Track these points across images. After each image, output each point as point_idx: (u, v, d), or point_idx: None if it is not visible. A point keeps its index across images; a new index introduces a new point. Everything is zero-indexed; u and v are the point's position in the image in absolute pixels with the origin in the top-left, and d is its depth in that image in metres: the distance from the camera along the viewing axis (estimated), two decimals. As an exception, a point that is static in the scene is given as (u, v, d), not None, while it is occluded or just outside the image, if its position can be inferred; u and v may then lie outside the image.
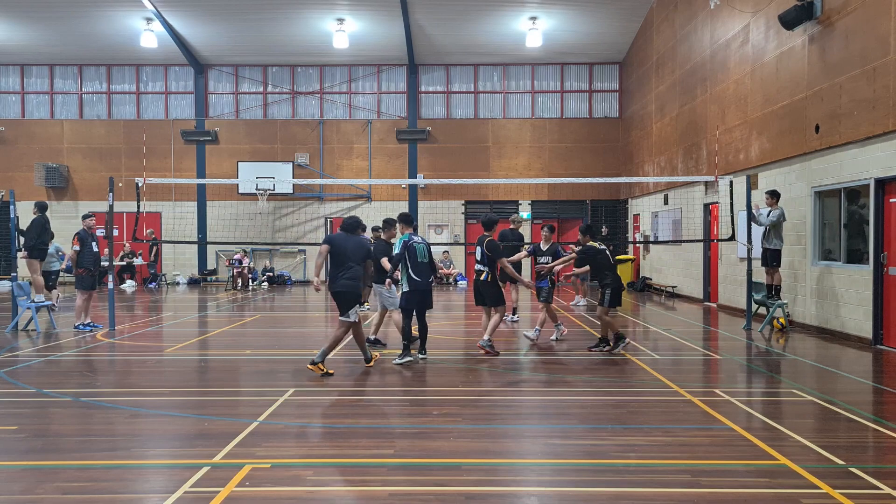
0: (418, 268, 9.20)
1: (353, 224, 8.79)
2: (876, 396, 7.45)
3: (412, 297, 9.22)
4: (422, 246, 9.28)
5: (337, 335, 8.48)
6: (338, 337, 8.48)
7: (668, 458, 5.24)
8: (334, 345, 8.52)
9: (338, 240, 8.56)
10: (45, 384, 7.79)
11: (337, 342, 8.53)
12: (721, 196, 15.35)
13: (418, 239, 9.35)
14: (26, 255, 12.57)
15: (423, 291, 9.26)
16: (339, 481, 4.85)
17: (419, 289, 9.20)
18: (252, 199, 23.67)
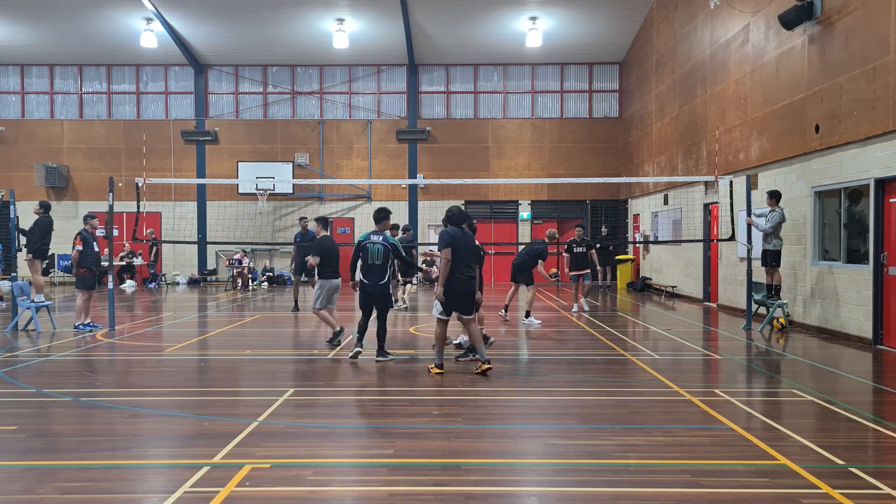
0: (367, 269, 9.12)
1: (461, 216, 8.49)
2: (876, 396, 7.45)
3: (360, 297, 9.25)
4: (378, 247, 9.08)
5: (475, 330, 8.49)
6: (476, 331, 8.51)
7: (668, 458, 5.24)
8: (480, 339, 8.53)
9: (459, 238, 8.34)
10: (45, 384, 7.79)
11: (479, 335, 8.54)
12: (721, 196, 15.35)
13: (377, 239, 9.15)
14: (31, 257, 12.57)
15: (370, 294, 9.13)
16: (339, 481, 4.85)
17: (365, 290, 9.15)
18: (252, 199, 23.66)
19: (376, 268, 9.06)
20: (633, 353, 9.87)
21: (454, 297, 8.34)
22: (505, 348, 10.63)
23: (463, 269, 8.34)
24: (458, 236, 8.30)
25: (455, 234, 8.31)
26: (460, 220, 8.45)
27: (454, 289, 8.31)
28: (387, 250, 9.11)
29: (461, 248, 8.28)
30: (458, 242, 8.28)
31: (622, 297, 19.67)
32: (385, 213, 9.49)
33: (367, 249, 9.06)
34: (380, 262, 9.04)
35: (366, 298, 9.17)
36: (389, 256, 9.16)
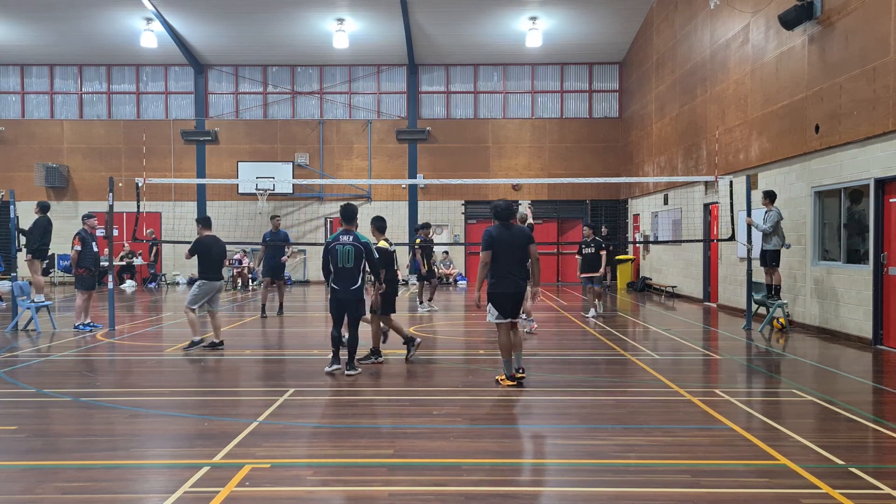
0: (337, 273, 8.27)
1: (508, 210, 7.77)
2: (876, 396, 7.45)
3: (331, 304, 8.44)
4: (348, 248, 8.22)
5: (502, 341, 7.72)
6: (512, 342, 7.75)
7: (668, 458, 5.24)
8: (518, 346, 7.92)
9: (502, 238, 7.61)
10: (45, 384, 7.79)
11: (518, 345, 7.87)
12: (721, 196, 15.35)
13: (347, 239, 8.28)
14: (30, 258, 12.57)
15: (341, 301, 8.32)
16: (339, 481, 4.85)
17: (336, 297, 8.32)
18: (252, 199, 23.67)
19: (347, 272, 8.23)
20: (633, 353, 9.87)
21: (505, 299, 7.61)
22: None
23: (510, 270, 7.57)
24: (501, 236, 7.57)
25: (498, 234, 7.58)
26: (508, 214, 7.72)
27: (502, 291, 7.58)
28: (358, 252, 8.24)
29: (506, 248, 7.55)
30: (502, 243, 7.55)
31: (622, 297, 19.66)
32: (354, 210, 8.55)
33: (336, 251, 8.22)
34: (350, 264, 8.22)
35: (337, 306, 8.34)
36: (362, 258, 8.29)
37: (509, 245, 7.60)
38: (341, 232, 8.36)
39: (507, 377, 7.63)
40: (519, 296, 7.68)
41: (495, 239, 7.57)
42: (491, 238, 7.59)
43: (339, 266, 8.21)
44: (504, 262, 7.56)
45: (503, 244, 7.57)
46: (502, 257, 7.55)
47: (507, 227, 7.67)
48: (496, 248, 7.54)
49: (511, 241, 7.62)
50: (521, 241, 7.68)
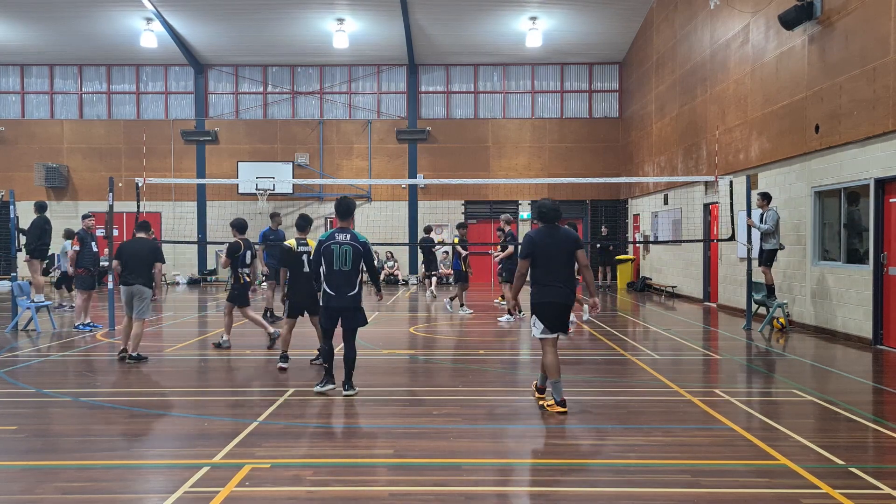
0: (332, 277, 7.18)
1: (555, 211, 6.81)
2: (876, 396, 7.45)
3: (323, 314, 7.32)
4: (345, 248, 7.18)
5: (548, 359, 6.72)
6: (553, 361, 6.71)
7: (668, 458, 5.24)
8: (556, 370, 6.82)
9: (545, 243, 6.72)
10: (45, 384, 7.79)
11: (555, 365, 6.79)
12: (721, 196, 15.35)
13: (344, 238, 7.24)
14: (28, 258, 12.57)
15: (337, 310, 7.20)
16: (339, 481, 4.85)
17: (330, 305, 7.20)
18: (252, 199, 23.66)
19: (343, 275, 7.16)
20: (633, 353, 9.87)
21: (552, 310, 6.68)
22: (504, 348, 10.64)
23: (556, 278, 6.65)
24: (543, 241, 6.69)
25: (540, 239, 6.70)
26: (554, 216, 6.80)
27: (548, 300, 6.69)
28: (357, 252, 7.20)
29: (550, 254, 6.65)
30: (545, 248, 6.66)
31: (622, 297, 19.67)
32: (350, 205, 7.52)
33: (332, 252, 7.17)
34: (348, 267, 7.16)
35: (331, 316, 7.24)
36: (360, 260, 7.25)
37: (555, 251, 6.68)
38: (336, 230, 7.32)
39: (556, 402, 6.59)
40: (566, 307, 6.76)
41: (537, 245, 6.68)
42: (532, 244, 6.70)
43: (334, 269, 7.16)
44: (548, 269, 6.66)
45: (546, 250, 6.67)
46: (546, 265, 6.66)
47: (553, 230, 6.78)
48: (538, 254, 6.67)
49: (556, 247, 6.69)
50: (567, 247, 6.73)
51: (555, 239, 6.71)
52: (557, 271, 6.66)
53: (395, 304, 17.46)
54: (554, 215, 6.79)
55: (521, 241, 6.85)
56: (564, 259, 6.70)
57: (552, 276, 6.65)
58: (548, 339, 6.73)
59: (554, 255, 6.66)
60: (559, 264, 6.67)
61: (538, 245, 6.68)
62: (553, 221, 6.80)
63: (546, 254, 6.66)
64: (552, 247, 6.68)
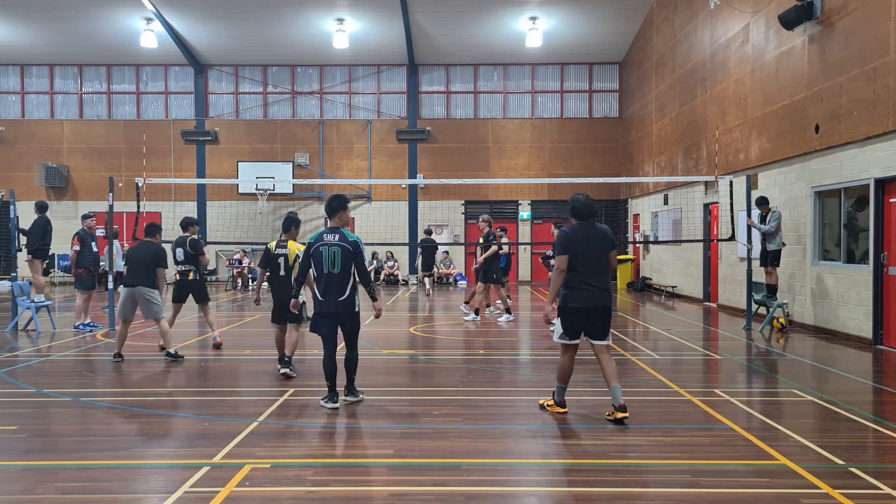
0: (322, 281, 6.69)
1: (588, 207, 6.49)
2: (876, 396, 7.45)
3: (314, 322, 6.83)
4: (334, 250, 6.65)
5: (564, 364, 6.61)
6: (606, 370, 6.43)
7: (668, 458, 5.24)
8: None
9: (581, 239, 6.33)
10: (45, 384, 7.79)
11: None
12: (721, 196, 15.35)
13: (332, 239, 6.70)
14: (30, 258, 12.57)
15: (328, 317, 6.71)
16: (339, 481, 4.84)
17: (321, 311, 6.72)
18: (252, 199, 23.67)
19: (333, 279, 6.64)
20: (633, 353, 9.87)
21: (577, 316, 6.34)
22: (504, 348, 10.64)
23: (588, 279, 6.26)
24: (579, 237, 6.32)
25: (575, 234, 6.33)
26: (588, 212, 6.45)
27: (576, 305, 6.31)
28: (346, 253, 6.66)
29: (585, 251, 6.28)
30: (580, 245, 6.28)
31: (622, 297, 19.66)
32: (341, 202, 6.90)
33: (321, 254, 6.68)
34: (338, 269, 6.64)
35: (323, 323, 6.75)
36: (351, 261, 6.70)
37: (591, 249, 6.31)
38: (326, 230, 6.80)
39: (556, 403, 6.55)
40: (602, 311, 6.37)
41: (573, 241, 6.29)
42: (568, 240, 6.29)
43: (324, 272, 6.67)
44: (582, 269, 6.25)
45: (583, 248, 6.28)
46: (581, 264, 6.26)
47: (588, 227, 6.40)
48: (574, 252, 6.27)
49: (593, 245, 6.33)
50: (603, 246, 6.38)
51: (590, 237, 6.36)
52: (591, 271, 6.28)
53: (395, 304, 17.46)
54: (588, 211, 6.46)
55: (556, 238, 6.49)
56: (599, 258, 6.34)
57: (585, 276, 6.26)
58: (568, 346, 6.47)
59: (589, 253, 6.30)
60: (594, 264, 6.30)
61: (574, 240, 6.30)
62: (587, 218, 6.45)
63: (581, 252, 6.27)
64: (587, 245, 6.32)
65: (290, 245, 8.35)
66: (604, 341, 6.43)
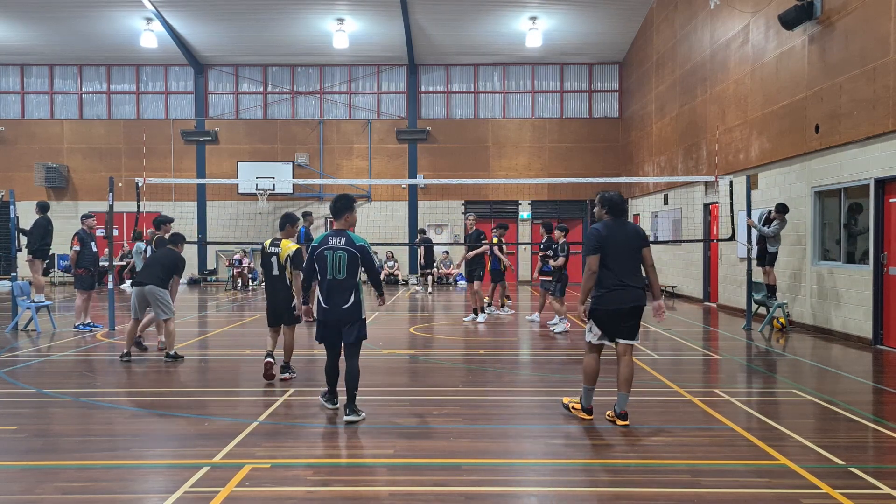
0: (325, 287, 6.30)
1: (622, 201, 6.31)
2: (876, 396, 7.45)
3: (318, 329, 6.50)
4: (339, 254, 6.26)
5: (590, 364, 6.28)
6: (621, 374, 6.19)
7: (668, 458, 5.24)
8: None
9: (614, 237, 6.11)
10: (45, 384, 7.79)
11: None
12: (721, 196, 15.35)
13: (338, 242, 6.31)
14: (31, 258, 12.57)
15: (332, 324, 6.33)
16: (339, 481, 4.84)
17: (325, 319, 6.34)
18: (252, 199, 23.67)
19: (338, 285, 6.26)
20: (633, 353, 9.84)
21: (613, 317, 6.10)
22: (504, 348, 10.64)
23: (622, 277, 6.06)
24: (612, 236, 6.09)
25: (608, 232, 6.10)
26: (621, 208, 6.28)
27: (612, 308, 6.07)
28: (352, 258, 6.28)
29: (619, 250, 6.08)
30: (614, 244, 6.07)
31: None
32: (347, 203, 6.51)
33: (325, 258, 6.29)
34: (343, 275, 6.25)
35: (327, 330, 6.41)
36: (357, 266, 6.34)
37: (624, 247, 6.11)
38: (331, 233, 6.43)
39: (582, 408, 6.24)
40: (636, 310, 6.15)
41: (606, 239, 6.07)
42: (600, 237, 6.08)
43: (328, 277, 6.28)
44: (615, 268, 6.06)
45: (616, 246, 6.08)
46: (613, 262, 6.05)
47: (621, 224, 6.21)
48: (606, 250, 6.06)
49: (626, 243, 6.13)
50: (636, 243, 6.19)
51: (624, 234, 6.15)
52: (625, 270, 6.07)
53: (395, 304, 17.46)
54: (622, 208, 6.29)
55: (586, 235, 6.24)
56: (633, 256, 6.14)
57: (619, 275, 6.05)
58: (596, 347, 6.26)
59: (623, 251, 6.09)
60: (627, 262, 6.10)
61: (607, 238, 6.07)
62: (621, 215, 6.26)
63: (614, 250, 6.06)
64: (621, 243, 6.10)
65: (283, 244, 8.02)
66: (631, 341, 6.22)
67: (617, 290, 6.04)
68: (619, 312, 6.09)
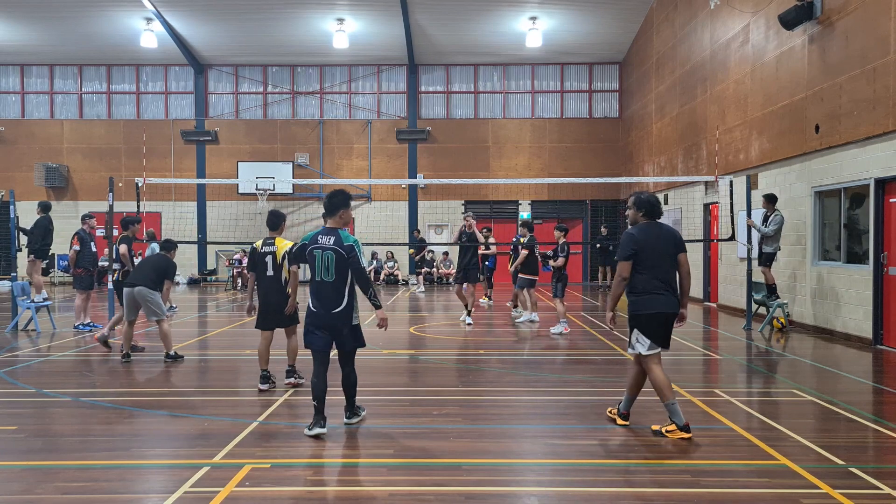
0: (315, 289, 5.88)
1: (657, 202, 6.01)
2: (876, 396, 7.45)
3: (306, 334, 5.95)
4: (328, 255, 5.82)
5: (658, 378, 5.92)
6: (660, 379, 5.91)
7: (668, 458, 5.24)
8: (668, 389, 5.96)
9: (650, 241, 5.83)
10: (45, 384, 7.78)
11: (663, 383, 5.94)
12: (721, 196, 15.34)
13: (327, 241, 5.86)
14: (32, 258, 12.57)
15: (323, 328, 5.86)
16: (339, 481, 4.85)
17: (315, 323, 5.86)
18: (252, 199, 23.67)
19: (328, 287, 5.84)
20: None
21: (656, 321, 5.85)
22: (504, 348, 10.64)
23: (658, 283, 5.79)
24: (647, 240, 5.82)
25: (643, 236, 5.83)
26: (658, 210, 5.98)
27: (651, 311, 5.83)
28: (340, 258, 5.81)
29: (654, 254, 5.80)
30: (650, 248, 5.81)
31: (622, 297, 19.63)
32: (344, 199, 6.03)
33: (315, 258, 5.87)
34: (331, 277, 5.83)
35: (316, 337, 5.88)
36: (347, 267, 5.86)
37: (660, 251, 5.82)
38: (321, 231, 5.99)
39: (678, 427, 5.71)
40: (673, 317, 5.91)
41: (641, 243, 5.79)
42: (635, 243, 5.79)
43: (316, 279, 5.89)
44: (652, 273, 5.78)
45: (652, 250, 5.80)
46: (650, 267, 5.78)
47: (657, 227, 5.94)
48: (642, 255, 5.79)
49: (663, 246, 5.85)
50: (673, 248, 5.89)
51: (660, 238, 5.85)
52: (662, 275, 5.79)
53: (394, 304, 17.46)
54: (659, 209, 5.98)
55: (622, 240, 5.95)
56: (670, 261, 5.86)
57: (656, 281, 5.77)
58: (655, 356, 5.92)
59: (660, 255, 5.80)
60: (664, 267, 5.81)
61: (642, 242, 5.78)
62: (657, 217, 5.98)
63: (651, 254, 5.78)
64: (658, 247, 5.82)
65: (277, 242, 7.66)
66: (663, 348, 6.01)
67: (654, 295, 5.80)
68: (661, 316, 5.84)
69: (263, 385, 7.52)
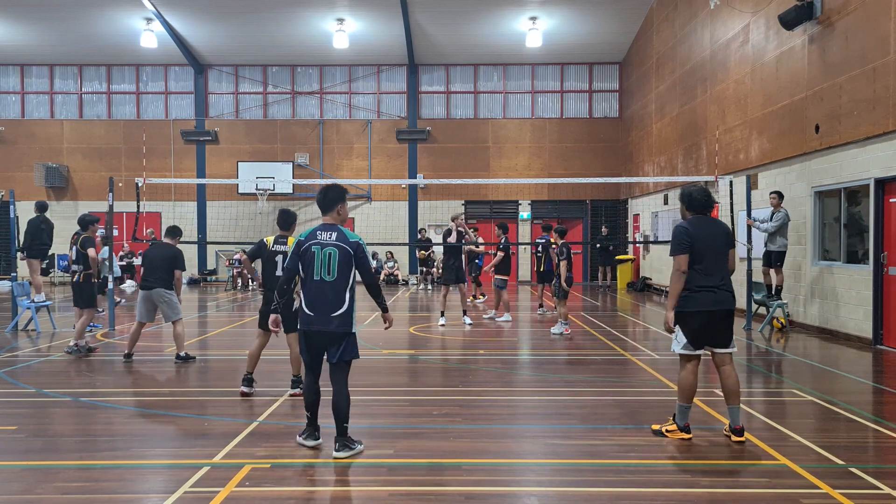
0: (311, 290, 5.33)
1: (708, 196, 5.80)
2: (876, 396, 7.45)
3: (302, 341, 5.45)
4: (329, 251, 5.33)
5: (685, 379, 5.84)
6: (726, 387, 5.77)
7: (668, 458, 5.24)
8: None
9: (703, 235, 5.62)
10: (45, 384, 7.79)
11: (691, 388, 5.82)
12: (721, 196, 15.33)
13: (328, 238, 5.39)
14: (24, 257, 12.57)
15: (317, 335, 5.34)
16: (339, 481, 4.84)
17: (309, 330, 5.35)
18: (252, 199, 23.67)
19: (327, 288, 5.30)
20: (633, 353, 9.86)
21: (699, 321, 5.63)
22: (504, 348, 10.64)
23: (709, 279, 5.57)
24: (700, 234, 5.60)
25: (697, 230, 5.61)
26: (703, 203, 5.76)
27: (697, 309, 5.60)
28: (345, 256, 5.36)
29: (706, 249, 5.58)
30: (701, 241, 5.58)
31: (622, 297, 19.67)
32: (339, 194, 5.70)
33: (313, 255, 5.36)
34: (333, 276, 5.31)
35: (310, 345, 5.40)
36: (351, 266, 5.40)
37: (712, 246, 5.61)
38: (319, 227, 5.52)
39: (679, 428, 5.73)
40: (725, 314, 5.67)
41: (695, 237, 5.58)
42: (689, 236, 5.58)
43: (314, 278, 5.33)
44: (701, 269, 5.57)
45: (704, 245, 5.59)
46: (701, 263, 5.57)
47: (709, 221, 5.76)
48: (694, 249, 5.58)
49: (714, 241, 5.63)
50: (724, 243, 5.69)
51: (712, 232, 5.66)
52: (712, 270, 5.58)
53: (395, 303, 17.46)
54: (704, 202, 5.75)
55: (674, 234, 5.73)
56: (720, 256, 5.63)
57: (706, 277, 5.57)
58: (690, 357, 5.78)
59: (710, 250, 5.59)
60: (714, 262, 5.60)
61: (696, 236, 5.58)
62: (707, 211, 5.77)
63: (703, 249, 5.58)
64: (711, 241, 5.61)
65: (290, 242, 7.44)
66: (727, 349, 5.76)
67: (703, 291, 5.58)
68: (707, 315, 5.61)
69: (247, 388, 7.27)
